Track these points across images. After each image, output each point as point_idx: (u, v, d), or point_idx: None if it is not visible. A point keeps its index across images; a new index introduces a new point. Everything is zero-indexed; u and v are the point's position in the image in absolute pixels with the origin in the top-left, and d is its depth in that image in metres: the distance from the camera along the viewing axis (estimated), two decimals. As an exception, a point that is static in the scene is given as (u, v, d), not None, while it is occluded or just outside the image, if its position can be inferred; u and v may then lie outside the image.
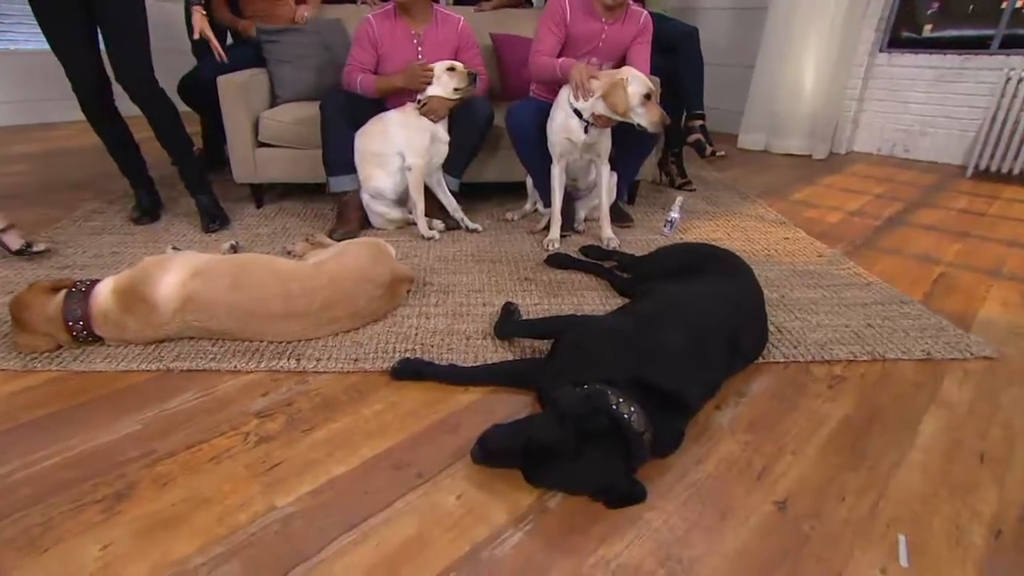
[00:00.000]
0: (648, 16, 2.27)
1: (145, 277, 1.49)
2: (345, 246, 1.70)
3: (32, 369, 1.43)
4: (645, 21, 2.26)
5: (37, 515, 1.02)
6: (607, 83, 1.96)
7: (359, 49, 2.34)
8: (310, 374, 1.43)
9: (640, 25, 2.25)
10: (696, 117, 2.88)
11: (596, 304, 1.81)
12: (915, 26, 3.99)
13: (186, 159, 2.37)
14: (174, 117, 2.27)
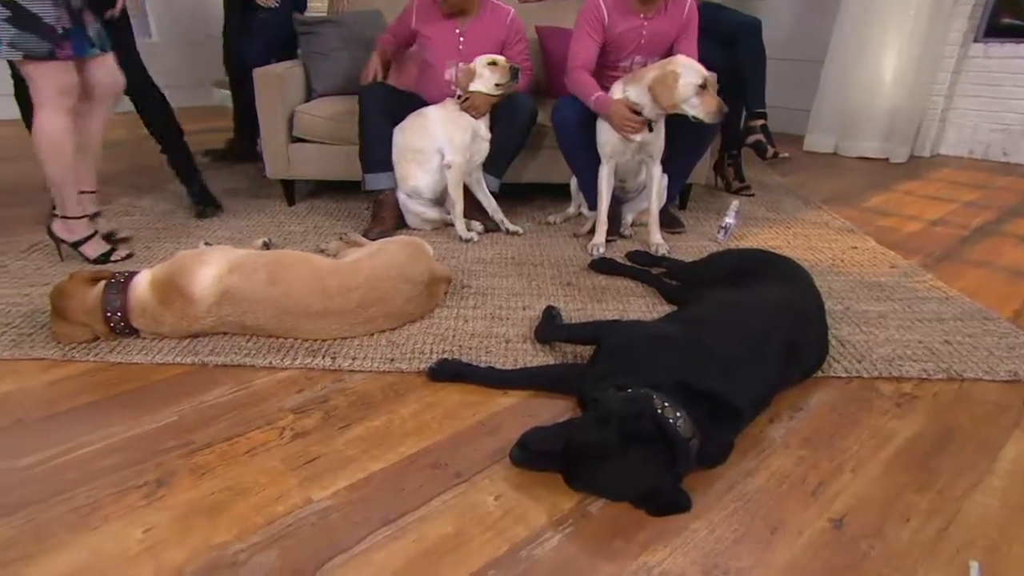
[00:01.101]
0: (693, 5, 2.32)
1: (182, 270, 1.63)
2: (383, 244, 1.81)
3: (71, 359, 1.57)
4: (690, 10, 2.31)
5: (83, 497, 1.14)
6: (656, 75, 2.03)
7: (396, 21, 2.60)
8: (345, 372, 1.54)
9: (685, 16, 2.30)
10: (757, 116, 2.91)
11: (642, 311, 1.87)
12: (1018, 12, 3.88)
13: (178, 150, 2.60)
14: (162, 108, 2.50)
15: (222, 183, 3.10)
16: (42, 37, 1.80)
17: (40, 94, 1.89)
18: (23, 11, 1.76)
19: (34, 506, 1.11)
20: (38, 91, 1.89)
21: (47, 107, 1.89)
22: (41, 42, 1.80)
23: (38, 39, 1.79)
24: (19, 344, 1.60)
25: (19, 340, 1.62)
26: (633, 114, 2.11)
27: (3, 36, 1.77)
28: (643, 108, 2.10)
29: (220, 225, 2.54)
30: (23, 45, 1.78)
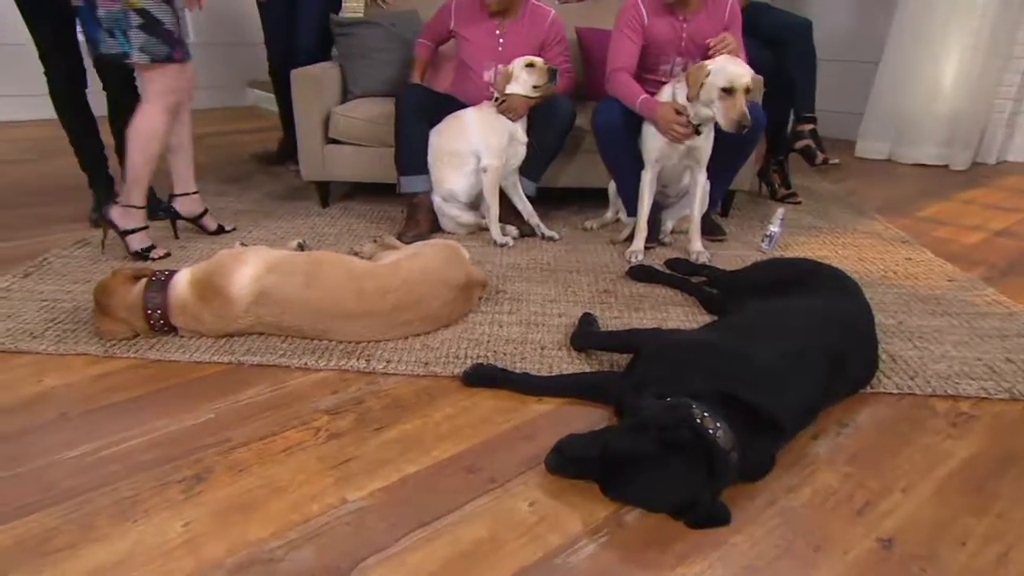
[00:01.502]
0: (735, 4, 2.34)
1: (221, 269, 1.70)
2: (419, 247, 1.86)
3: (112, 355, 1.66)
4: (732, 9, 2.33)
5: (126, 489, 1.21)
6: (692, 67, 2.08)
7: (432, 20, 2.69)
8: (379, 375, 1.59)
9: (727, 16, 2.32)
10: (806, 121, 2.91)
11: (681, 320, 1.88)
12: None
13: None
14: None
15: (260, 187, 3.21)
16: (163, 41, 2.05)
17: (151, 92, 2.13)
18: (152, 18, 2.01)
19: (80, 497, 1.18)
20: (150, 89, 2.13)
21: (154, 103, 2.13)
22: (162, 46, 2.05)
23: (161, 43, 2.04)
24: (64, 339, 1.70)
25: (63, 335, 1.72)
26: (680, 117, 2.13)
27: (135, 42, 2.01)
28: (688, 110, 2.12)
29: (254, 226, 2.64)
30: (150, 49, 2.03)
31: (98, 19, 1.99)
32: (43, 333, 1.73)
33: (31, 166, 3.52)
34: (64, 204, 2.81)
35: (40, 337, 1.71)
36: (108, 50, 2.05)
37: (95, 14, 1.98)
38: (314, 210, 2.87)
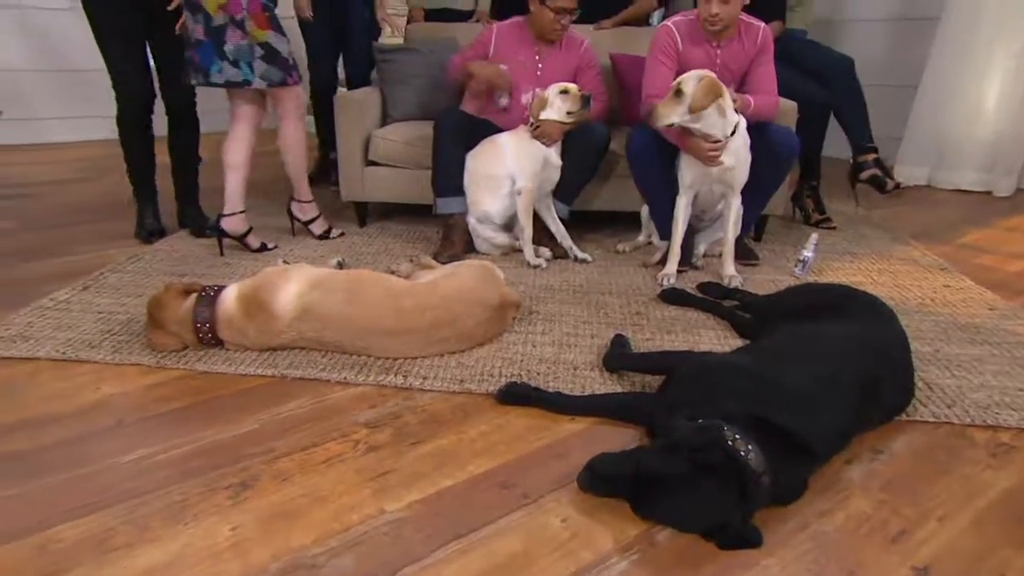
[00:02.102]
0: (767, 31, 2.38)
1: (267, 285, 1.79)
2: (456, 268, 1.92)
3: (163, 366, 1.74)
4: (764, 37, 2.37)
5: (177, 494, 1.28)
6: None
7: (470, 47, 2.74)
8: (416, 391, 1.64)
9: (759, 44, 2.37)
10: (868, 151, 2.94)
11: (713, 344, 1.90)
12: None
13: (194, 173, 2.82)
14: (198, 135, 2.75)
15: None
16: (280, 68, 2.39)
17: (285, 110, 2.53)
18: (272, 49, 2.36)
19: (135, 500, 1.25)
20: (283, 109, 2.53)
21: (290, 119, 2.54)
22: (279, 72, 2.39)
23: (278, 70, 2.39)
24: (119, 350, 1.79)
25: (119, 346, 1.81)
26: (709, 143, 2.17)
27: (257, 70, 2.36)
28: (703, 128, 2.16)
29: (295, 244, 2.74)
30: (268, 76, 2.39)
31: (224, 52, 2.31)
32: (100, 343, 1.83)
33: (89, 185, 3.70)
34: (118, 221, 2.95)
35: (97, 347, 1.80)
36: (230, 78, 2.35)
37: (222, 48, 2.30)
38: (352, 229, 2.96)
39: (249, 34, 2.31)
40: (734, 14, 2.27)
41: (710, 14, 2.24)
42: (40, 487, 1.28)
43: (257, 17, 2.31)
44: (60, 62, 4.86)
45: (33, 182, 3.76)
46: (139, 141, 2.63)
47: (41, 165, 4.25)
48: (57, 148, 4.78)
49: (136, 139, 2.62)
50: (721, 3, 2.22)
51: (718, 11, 2.23)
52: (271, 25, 2.35)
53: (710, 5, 2.24)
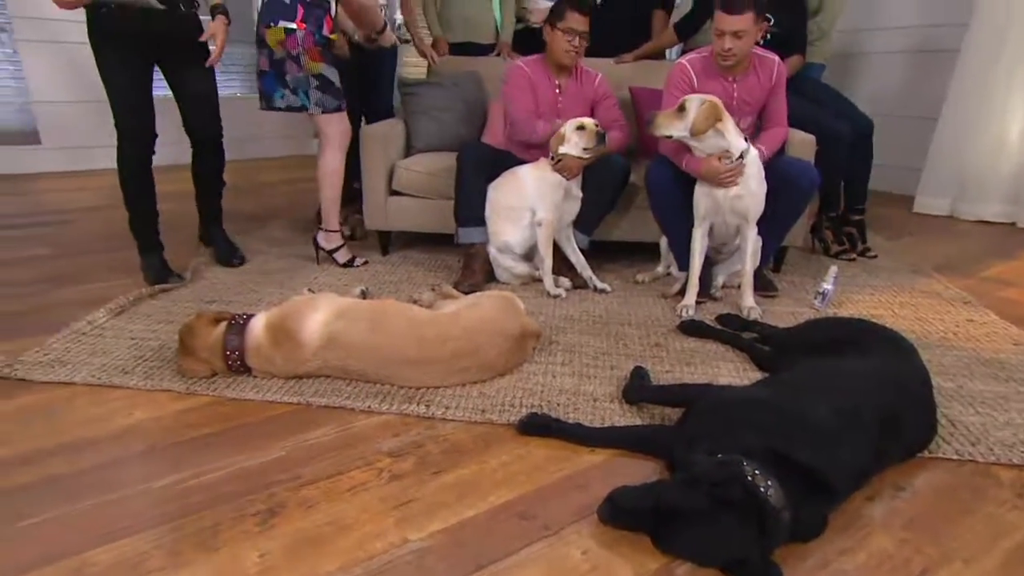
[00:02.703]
0: (781, 65, 2.44)
1: (294, 314, 1.84)
2: (477, 298, 1.97)
3: (193, 392, 1.80)
4: (779, 72, 2.44)
5: (207, 519, 1.32)
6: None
7: (521, 94, 2.71)
8: (438, 420, 1.68)
9: (774, 78, 2.43)
10: (857, 212, 3.13)
11: (732, 376, 1.91)
12: None
13: (218, 197, 2.89)
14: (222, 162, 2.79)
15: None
16: (333, 97, 2.62)
17: (329, 138, 2.70)
18: (326, 79, 2.59)
19: (167, 524, 1.29)
20: (328, 134, 2.69)
21: (333, 147, 2.71)
22: (333, 100, 2.62)
23: (332, 98, 2.62)
24: (151, 376, 1.85)
25: (151, 372, 1.87)
26: (723, 162, 2.21)
27: (312, 98, 2.59)
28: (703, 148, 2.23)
29: (320, 272, 2.80)
30: (323, 103, 2.61)
31: (286, 81, 2.57)
32: (133, 369, 1.89)
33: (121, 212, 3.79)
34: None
35: (130, 373, 1.87)
36: (291, 104, 2.62)
37: (284, 78, 2.57)
38: (375, 257, 3.03)
39: (304, 67, 2.55)
40: (747, 48, 2.33)
41: (723, 49, 2.30)
42: (76, 511, 1.33)
43: (311, 52, 2.54)
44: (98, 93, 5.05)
45: (70, 208, 3.90)
46: (138, 183, 2.55)
47: (79, 192, 4.40)
48: (96, 175, 4.94)
49: (135, 181, 2.54)
50: (734, 38, 2.27)
51: (731, 46, 2.28)
52: (323, 58, 2.58)
53: (723, 40, 2.29)
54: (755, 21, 2.26)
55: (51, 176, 4.84)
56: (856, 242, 3.12)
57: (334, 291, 2.54)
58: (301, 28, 2.48)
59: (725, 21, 2.25)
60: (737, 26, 2.24)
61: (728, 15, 2.24)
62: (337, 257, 2.88)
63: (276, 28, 2.49)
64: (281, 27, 2.48)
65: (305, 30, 2.49)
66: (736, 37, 2.27)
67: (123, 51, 2.35)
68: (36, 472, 1.45)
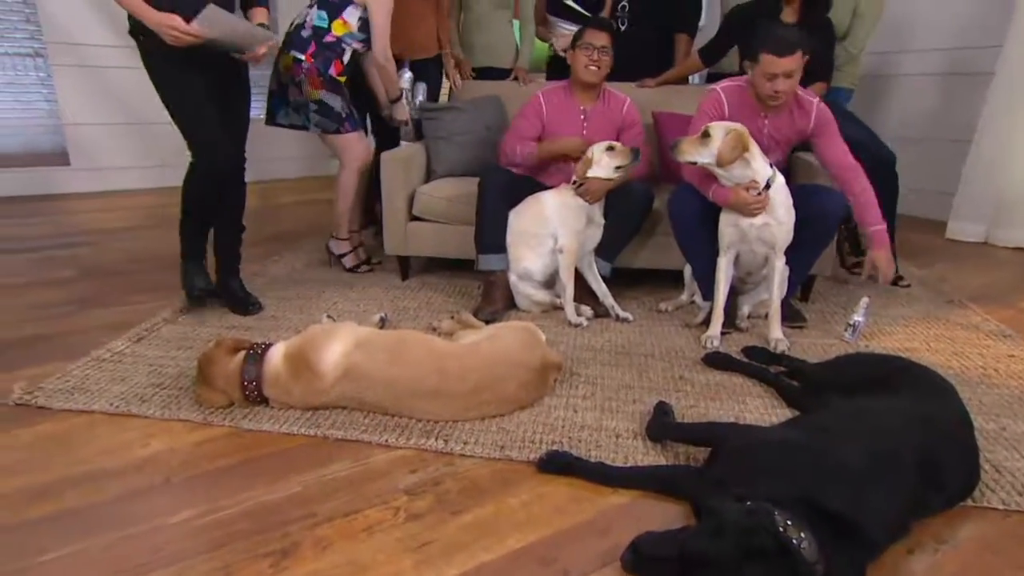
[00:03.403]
0: (822, 108, 2.37)
1: (313, 344, 1.83)
2: (498, 330, 1.95)
3: (209, 423, 1.79)
4: (821, 115, 2.36)
5: (221, 558, 1.30)
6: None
7: (525, 121, 2.73)
8: (457, 456, 1.65)
9: (816, 120, 2.36)
10: None
11: (760, 413, 1.87)
12: None
13: (237, 242, 2.67)
14: (244, 200, 2.66)
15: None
16: (333, 120, 2.85)
17: (342, 159, 2.99)
18: (325, 105, 2.82)
19: (183, 562, 1.28)
20: (341, 157, 2.98)
21: (346, 167, 2.99)
22: (331, 123, 2.86)
23: (330, 121, 2.86)
24: (168, 405, 1.85)
25: (168, 401, 1.88)
26: (751, 192, 2.18)
27: (312, 119, 2.85)
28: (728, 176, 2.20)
29: (339, 297, 2.81)
30: (322, 124, 2.87)
31: (289, 101, 2.86)
32: (151, 398, 1.89)
33: (147, 232, 3.89)
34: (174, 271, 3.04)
35: (148, 402, 1.87)
36: (292, 122, 2.91)
37: (287, 99, 2.86)
38: (394, 282, 3.03)
39: (304, 92, 2.80)
40: (795, 87, 2.28)
41: (774, 91, 2.24)
42: (93, 546, 1.32)
43: (312, 80, 2.78)
44: (127, 116, 5.19)
45: (96, 229, 3.97)
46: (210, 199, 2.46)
47: (105, 213, 4.49)
48: (123, 196, 5.05)
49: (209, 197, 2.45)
50: (785, 79, 2.22)
51: (783, 88, 2.23)
52: (324, 86, 2.80)
53: (775, 83, 2.22)
54: (803, 57, 2.22)
55: (79, 197, 4.94)
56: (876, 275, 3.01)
57: (353, 317, 2.57)
58: (308, 61, 2.74)
59: (776, 64, 2.19)
60: (790, 67, 2.20)
61: (779, 58, 2.18)
62: (345, 262, 3.14)
63: (287, 55, 2.77)
64: (291, 55, 2.76)
65: (311, 64, 2.74)
66: (787, 77, 2.22)
67: (188, 73, 2.29)
68: (53, 504, 1.45)
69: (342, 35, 2.80)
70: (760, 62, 2.23)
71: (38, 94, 5.08)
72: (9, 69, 5.02)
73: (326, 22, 2.78)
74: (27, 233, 3.84)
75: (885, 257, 2.33)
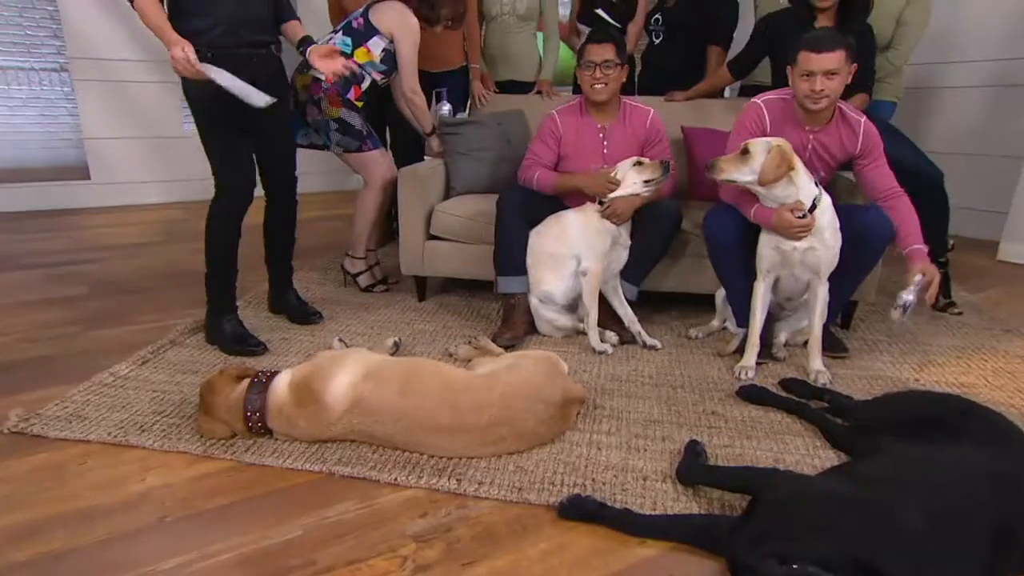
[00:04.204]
0: (869, 126, 2.24)
1: (320, 373, 1.75)
2: (517, 359, 1.85)
3: (210, 455, 1.72)
4: (868, 133, 2.23)
5: (211, 611, 1.21)
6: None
7: (541, 144, 2.63)
8: (470, 498, 1.55)
9: (863, 140, 2.23)
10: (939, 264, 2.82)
11: (801, 454, 1.74)
12: None
13: (289, 256, 2.68)
14: (296, 215, 2.64)
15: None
16: (354, 138, 2.84)
17: (366, 177, 2.96)
18: (345, 123, 2.81)
19: (168, 617, 1.20)
20: (365, 176, 2.96)
21: (370, 185, 2.96)
22: (353, 141, 2.85)
23: (352, 139, 2.84)
24: (168, 435, 1.79)
25: (168, 431, 1.81)
26: (794, 214, 2.07)
27: (333, 138, 2.84)
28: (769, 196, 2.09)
29: (352, 319, 2.74)
30: (343, 143, 2.86)
31: (307, 122, 2.83)
32: (151, 426, 1.83)
33: (163, 248, 3.89)
34: (184, 289, 3.05)
35: (148, 431, 1.80)
36: (312, 141, 2.91)
37: (305, 119, 2.82)
38: (410, 304, 2.95)
39: (324, 111, 2.79)
40: (838, 91, 2.14)
41: (813, 90, 2.11)
42: (74, 595, 1.25)
43: (332, 99, 2.78)
44: (147, 130, 5.24)
45: (111, 245, 3.97)
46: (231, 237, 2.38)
47: (123, 228, 4.51)
48: (141, 210, 5.08)
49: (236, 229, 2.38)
50: (826, 78, 2.09)
51: (823, 87, 2.10)
52: (343, 104, 2.79)
53: (813, 81, 2.10)
54: (847, 59, 2.10)
55: (98, 212, 4.98)
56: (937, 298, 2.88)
57: (366, 340, 2.50)
58: (328, 81, 2.65)
59: (814, 61, 2.08)
60: (828, 65, 2.07)
61: (817, 54, 2.07)
62: (360, 281, 3.12)
63: (305, 75, 2.76)
64: (310, 75, 2.73)
65: (332, 83, 2.70)
66: (828, 77, 2.09)
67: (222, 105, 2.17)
68: (39, 546, 1.38)
69: (364, 63, 2.80)
70: (798, 62, 2.13)
71: (61, 109, 5.16)
72: (36, 84, 5.13)
73: (350, 48, 2.78)
74: (44, 248, 3.86)
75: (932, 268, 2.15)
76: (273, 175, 2.55)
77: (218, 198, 2.34)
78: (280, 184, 2.58)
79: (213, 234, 2.37)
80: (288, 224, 2.65)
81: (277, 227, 2.63)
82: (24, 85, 5.09)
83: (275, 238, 2.65)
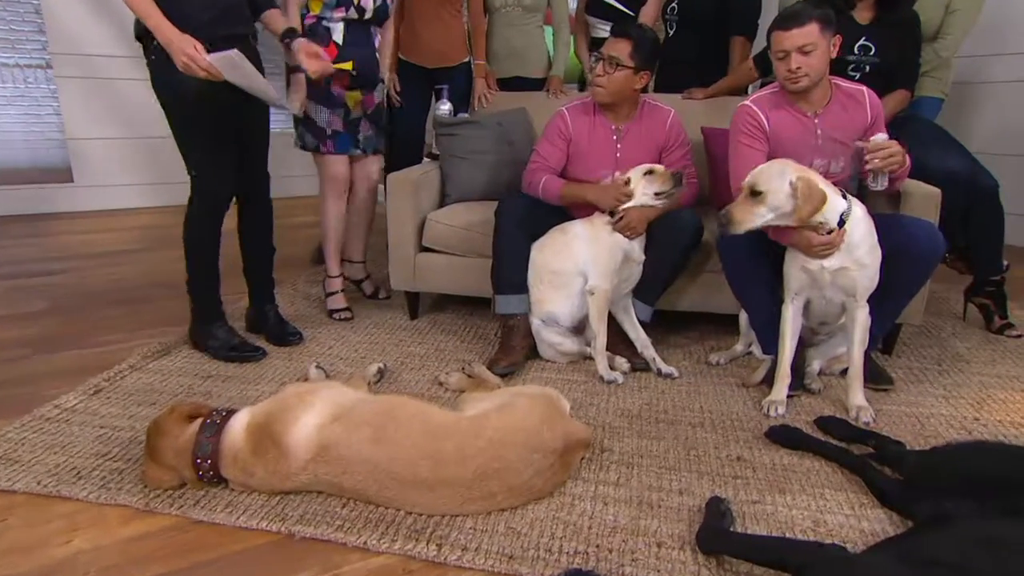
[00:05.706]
0: (871, 93, 2.11)
1: (282, 416, 1.55)
2: (512, 398, 1.64)
3: (152, 510, 1.51)
4: (872, 103, 2.10)
5: None
6: None
7: (548, 144, 2.42)
8: (452, 568, 1.34)
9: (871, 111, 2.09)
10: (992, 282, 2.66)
11: (845, 514, 1.51)
12: None
13: (268, 264, 2.53)
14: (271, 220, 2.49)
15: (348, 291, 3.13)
16: (314, 136, 2.65)
17: (321, 182, 2.76)
18: (309, 118, 2.62)
19: None
20: (320, 179, 2.76)
21: (324, 193, 2.76)
22: (312, 140, 2.66)
23: (312, 137, 2.65)
24: (107, 484, 1.59)
25: (109, 478, 1.61)
26: (816, 232, 1.85)
27: (297, 132, 2.68)
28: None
29: (336, 340, 2.54)
30: (303, 138, 2.68)
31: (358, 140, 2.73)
32: (89, 473, 1.63)
33: (137, 256, 3.72)
34: (158, 303, 2.88)
35: (85, 478, 1.61)
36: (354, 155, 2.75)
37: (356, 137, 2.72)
38: (401, 322, 2.75)
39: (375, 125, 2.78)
40: (818, 68, 2.00)
41: (788, 70, 1.99)
42: None
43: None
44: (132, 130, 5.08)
45: (86, 253, 3.81)
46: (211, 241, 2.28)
47: (102, 233, 4.36)
48: (125, 214, 4.94)
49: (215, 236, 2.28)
50: (800, 55, 1.97)
51: (799, 64, 1.97)
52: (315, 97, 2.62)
53: (788, 60, 1.99)
54: (822, 32, 1.96)
55: (80, 216, 4.84)
56: (993, 316, 2.65)
57: (349, 365, 2.30)
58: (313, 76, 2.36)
59: (784, 39, 1.98)
60: (799, 41, 1.95)
61: (786, 31, 1.97)
62: (328, 302, 2.85)
63: None
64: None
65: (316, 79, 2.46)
66: (803, 53, 1.96)
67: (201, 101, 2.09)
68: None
69: (319, 13, 2.55)
70: (771, 43, 2.04)
71: (48, 107, 5.02)
72: (20, 82, 4.99)
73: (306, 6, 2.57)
74: (14, 255, 3.71)
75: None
76: (249, 172, 2.36)
77: (196, 201, 2.24)
78: (255, 182, 2.41)
79: (193, 239, 2.28)
80: (264, 227, 2.49)
81: (253, 232, 2.48)
82: (8, 83, 4.96)
83: (252, 244, 2.50)
